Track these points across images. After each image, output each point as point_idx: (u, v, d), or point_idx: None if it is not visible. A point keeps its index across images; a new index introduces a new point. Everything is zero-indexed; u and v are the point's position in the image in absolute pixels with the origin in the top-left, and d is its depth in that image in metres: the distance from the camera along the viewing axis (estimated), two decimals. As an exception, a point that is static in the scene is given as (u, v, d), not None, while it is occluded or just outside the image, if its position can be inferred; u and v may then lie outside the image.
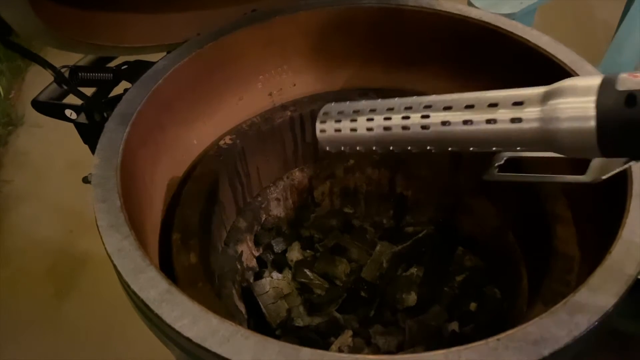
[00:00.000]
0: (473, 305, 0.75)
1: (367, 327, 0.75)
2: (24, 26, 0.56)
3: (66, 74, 0.72)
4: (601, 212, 0.57)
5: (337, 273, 0.81)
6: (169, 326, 0.40)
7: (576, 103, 0.33)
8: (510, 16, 0.90)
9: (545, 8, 1.31)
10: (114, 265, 0.45)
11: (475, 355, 0.36)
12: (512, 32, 0.68)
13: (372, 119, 0.45)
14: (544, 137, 0.35)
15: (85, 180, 0.74)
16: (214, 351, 0.38)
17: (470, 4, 1.26)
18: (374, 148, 0.47)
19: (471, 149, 0.41)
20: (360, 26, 0.78)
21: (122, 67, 0.75)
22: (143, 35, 0.72)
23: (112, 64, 0.79)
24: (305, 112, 0.81)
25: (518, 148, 0.38)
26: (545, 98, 0.35)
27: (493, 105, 0.38)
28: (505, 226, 0.75)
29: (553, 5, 1.38)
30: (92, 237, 0.48)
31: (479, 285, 0.76)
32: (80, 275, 1.43)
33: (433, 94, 0.43)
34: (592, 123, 0.32)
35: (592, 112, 0.32)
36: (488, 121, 0.38)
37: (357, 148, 0.48)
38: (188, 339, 0.39)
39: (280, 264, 0.84)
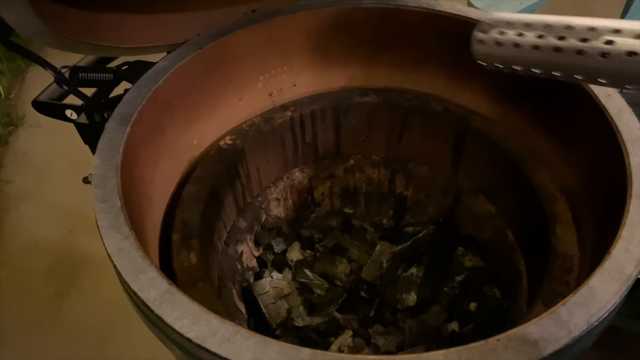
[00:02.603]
0: (473, 305, 0.76)
1: (367, 327, 0.75)
2: (24, 26, 0.56)
3: (66, 74, 0.72)
4: (601, 212, 0.57)
5: (337, 273, 0.81)
6: (169, 326, 0.40)
7: None
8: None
9: (545, 8, 1.31)
10: (114, 266, 0.45)
11: (475, 355, 0.36)
12: (512, 32, 0.68)
13: (542, 36, 0.40)
14: None
15: (86, 180, 0.74)
16: (214, 351, 0.38)
17: (470, 4, 1.26)
18: (534, 70, 0.42)
19: None
20: (360, 26, 0.78)
21: (123, 68, 0.75)
22: (143, 36, 0.72)
23: (112, 65, 0.79)
24: (305, 112, 0.81)
25: None
26: None
27: None
28: (505, 226, 0.75)
29: (553, 6, 1.38)
30: (92, 237, 0.48)
31: (479, 285, 0.77)
32: (80, 275, 1.43)
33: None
34: None
35: None
36: None
37: (516, 68, 0.43)
38: (188, 339, 0.39)
39: (280, 264, 0.84)
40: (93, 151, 0.62)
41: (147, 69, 0.65)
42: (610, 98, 0.57)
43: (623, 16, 1.41)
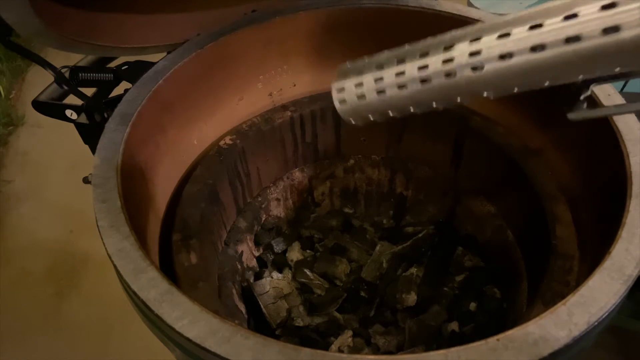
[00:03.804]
0: (473, 305, 0.76)
1: (367, 327, 0.75)
2: (24, 26, 0.56)
3: (66, 74, 0.72)
4: (601, 212, 0.57)
5: (337, 273, 0.81)
6: (169, 326, 0.40)
7: None
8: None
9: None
10: (115, 266, 0.45)
11: (475, 355, 0.36)
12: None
13: (402, 73, 0.35)
14: None
15: (86, 180, 0.74)
16: (214, 351, 0.38)
17: (470, 5, 1.26)
18: (411, 110, 0.37)
19: (546, 83, 0.31)
20: (360, 26, 0.78)
21: (123, 68, 0.75)
22: (143, 36, 0.72)
23: (112, 64, 0.79)
24: (305, 112, 0.81)
25: (617, 69, 0.28)
26: None
27: (571, 16, 0.28)
28: (505, 226, 0.75)
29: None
30: (92, 237, 0.48)
31: (479, 285, 0.77)
32: (80, 275, 1.43)
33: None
34: None
35: None
36: (568, 40, 0.28)
37: (390, 114, 0.38)
38: (188, 339, 0.39)
39: (280, 264, 0.84)
40: (93, 151, 0.62)
41: (147, 69, 0.65)
42: (610, 98, 0.57)
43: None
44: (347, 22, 0.77)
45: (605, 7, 0.26)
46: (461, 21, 0.71)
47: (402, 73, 0.35)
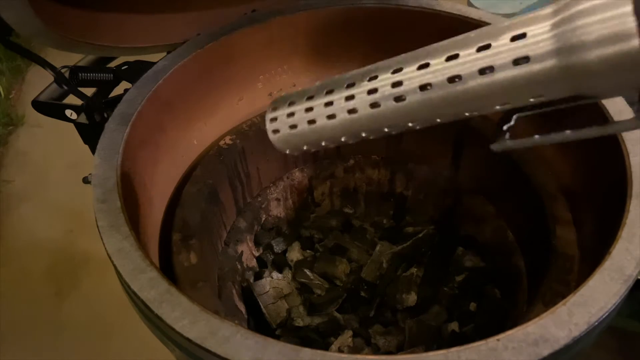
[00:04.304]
0: (473, 305, 0.75)
1: (367, 327, 0.75)
2: (24, 26, 0.56)
3: (66, 74, 0.72)
4: (601, 212, 0.57)
5: (337, 273, 0.81)
6: (169, 326, 0.40)
7: (605, 18, 0.23)
8: (510, 17, 0.90)
9: (545, 8, 1.31)
10: (114, 266, 0.45)
11: (475, 356, 0.36)
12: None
13: (331, 103, 0.36)
14: (566, 76, 0.26)
15: (86, 180, 0.74)
16: (214, 351, 0.38)
17: (470, 5, 1.26)
18: (342, 139, 0.37)
19: (467, 114, 0.32)
20: (360, 26, 0.78)
21: (122, 68, 0.75)
22: (143, 36, 0.72)
23: (112, 64, 0.79)
24: (305, 112, 0.81)
25: (531, 99, 0.29)
26: (556, 20, 0.26)
27: (484, 47, 0.29)
28: (505, 226, 0.75)
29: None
30: (92, 237, 0.48)
31: (479, 285, 0.76)
32: (80, 275, 1.43)
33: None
34: (635, 42, 0.23)
35: (633, 24, 0.23)
36: (482, 71, 0.29)
37: (323, 144, 0.39)
38: (188, 340, 0.39)
39: (280, 264, 0.84)
40: (93, 151, 0.62)
41: (147, 69, 0.65)
42: (611, 98, 0.57)
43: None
44: (347, 22, 0.77)
45: (514, 39, 0.27)
46: (461, 21, 0.71)
47: (330, 103, 0.36)
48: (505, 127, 0.36)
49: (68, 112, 0.75)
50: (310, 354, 0.37)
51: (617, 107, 0.55)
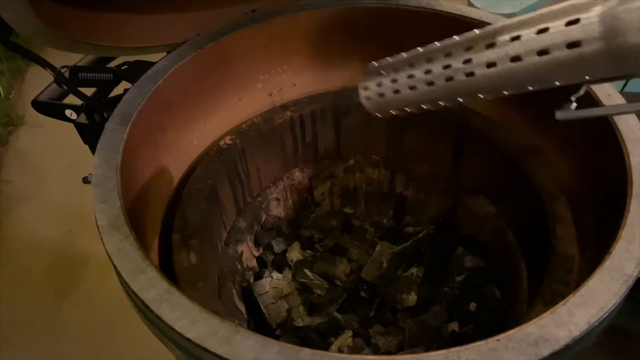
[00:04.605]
0: (473, 305, 0.75)
1: (367, 327, 0.75)
2: (24, 26, 0.56)
3: (66, 74, 0.72)
4: (601, 212, 0.57)
5: (337, 273, 0.81)
6: (169, 326, 0.40)
7: None
8: (510, 16, 0.90)
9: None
10: (114, 266, 0.45)
11: (475, 355, 0.36)
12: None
13: (412, 76, 0.41)
14: (613, 58, 0.28)
15: (86, 180, 0.74)
16: (213, 351, 0.38)
17: (470, 4, 1.26)
18: (424, 107, 0.43)
19: (530, 87, 0.35)
20: (360, 26, 0.78)
21: (122, 68, 0.75)
22: (143, 36, 0.72)
23: (112, 64, 0.79)
24: (305, 112, 0.81)
25: (587, 77, 0.31)
26: (604, 6, 0.28)
27: (542, 30, 0.31)
28: (505, 226, 0.75)
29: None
30: (92, 237, 0.48)
31: (479, 285, 0.76)
32: (80, 275, 1.43)
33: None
34: None
35: None
36: (540, 53, 0.32)
37: (407, 109, 0.44)
38: (188, 340, 0.39)
39: (280, 264, 0.84)
40: (93, 151, 0.62)
41: (147, 69, 0.65)
42: (611, 98, 0.57)
43: None
44: (347, 22, 0.77)
45: (569, 24, 0.30)
46: (461, 21, 0.71)
47: (412, 76, 0.42)
48: (573, 98, 0.38)
49: (68, 112, 0.75)
50: (310, 354, 0.37)
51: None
